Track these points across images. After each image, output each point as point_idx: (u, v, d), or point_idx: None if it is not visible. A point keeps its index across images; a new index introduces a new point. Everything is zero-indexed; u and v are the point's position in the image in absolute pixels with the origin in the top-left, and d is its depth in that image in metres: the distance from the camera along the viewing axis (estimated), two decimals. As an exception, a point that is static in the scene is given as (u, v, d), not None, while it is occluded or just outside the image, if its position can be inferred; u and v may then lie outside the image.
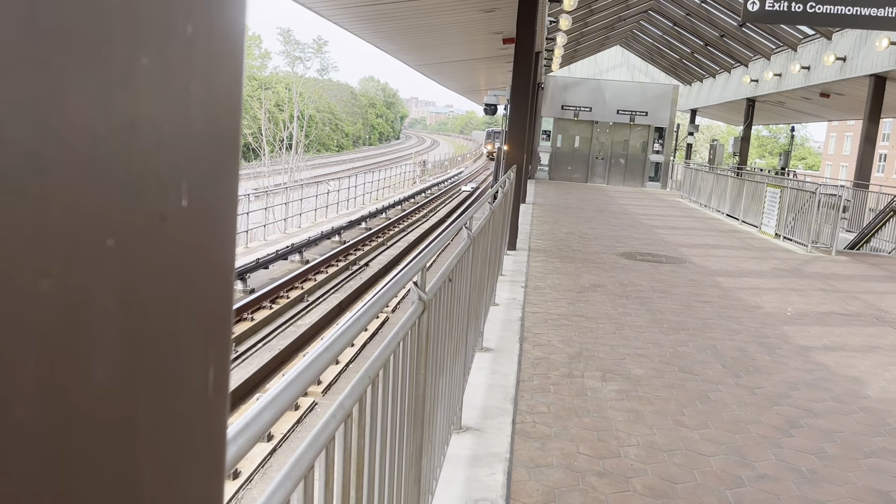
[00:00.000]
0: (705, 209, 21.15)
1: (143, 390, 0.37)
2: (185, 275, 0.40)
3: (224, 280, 0.45)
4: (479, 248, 5.07)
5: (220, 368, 0.46)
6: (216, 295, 0.44)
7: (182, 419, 0.42)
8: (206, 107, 0.41)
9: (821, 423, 4.88)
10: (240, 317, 11.00)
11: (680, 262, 11.16)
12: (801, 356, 6.45)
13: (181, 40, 0.37)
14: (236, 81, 0.44)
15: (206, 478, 0.46)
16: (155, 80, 0.35)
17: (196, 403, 0.44)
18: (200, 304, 0.43)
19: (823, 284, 10.26)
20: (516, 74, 10.99)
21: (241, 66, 0.45)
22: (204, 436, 0.45)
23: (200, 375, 0.44)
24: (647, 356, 6.12)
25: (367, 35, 17.16)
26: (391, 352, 2.12)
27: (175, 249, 0.39)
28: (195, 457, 0.44)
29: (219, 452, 0.47)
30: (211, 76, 0.41)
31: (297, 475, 1.30)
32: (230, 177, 0.45)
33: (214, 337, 0.45)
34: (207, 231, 0.43)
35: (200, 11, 0.39)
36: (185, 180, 0.39)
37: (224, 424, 0.48)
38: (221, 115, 0.43)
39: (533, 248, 11.41)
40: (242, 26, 0.44)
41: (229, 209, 0.45)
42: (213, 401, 0.45)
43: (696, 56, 29.82)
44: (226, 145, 0.44)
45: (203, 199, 0.41)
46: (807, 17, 10.40)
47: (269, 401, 1.17)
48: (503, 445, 4.20)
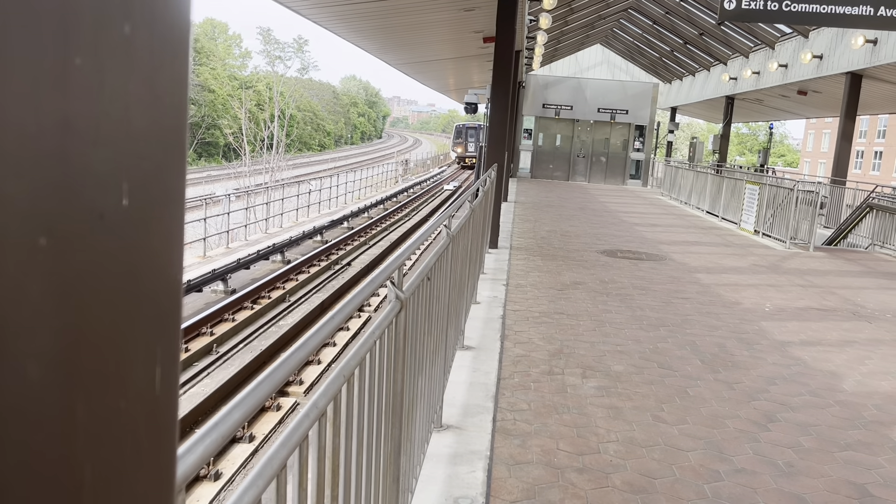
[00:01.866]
0: (685, 206, 21.30)
1: (82, 388, 0.37)
2: (128, 273, 0.40)
3: (170, 279, 0.45)
4: (459, 247, 5.08)
5: (168, 367, 0.46)
6: (162, 294, 0.44)
7: (127, 417, 0.42)
8: (147, 106, 0.41)
9: (798, 416, 4.93)
10: (221, 318, 10.94)
11: (660, 259, 11.24)
12: (778, 351, 6.51)
13: (118, 40, 0.37)
14: (181, 81, 0.45)
15: (154, 477, 0.46)
16: (89, 80, 0.35)
17: (142, 402, 0.44)
18: (145, 302, 0.43)
19: (801, 280, 10.37)
20: (496, 73, 11.02)
21: (185, 65, 0.45)
22: (151, 433, 0.45)
23: (146, 374, 0.44)
24: (626, 353, 6.16)
25: (347, 34, 17.11)
26: (367, 350, 2.13)
27: (116, 248, 0.39)
28: (142, 454, 0.44)
29: (168, 451, 0.47)
30: (152, 75, 0.41)
31: (269, 474, 1.30)
32: (175, 176, 0.45)
33: (161, 335, 0.45)
34: (151, 229, 0.43)
35: (139, 11, 0.39)
36: (126, 179, 0.39)
37: (174, 423, 0.48)
38: (165, 115, 0.43)
39: (514, 247, 11.44)
40: (187, 26, 0.45)
41: (175, 206, 0.45)
42: (161, 399, 0.46)
43: (676, 54, 30.03)
44: (170, 144, 0.44)
45: (146, 198, 0.42)
46: (783, 16, 10.50)
47: (236, 402, 1.17)
48: (483, 443, 4.21)
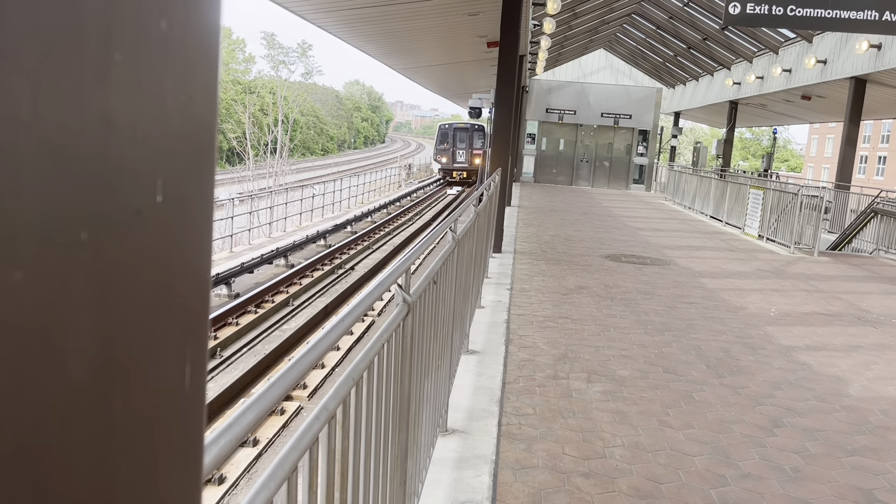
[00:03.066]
0: (689, 211, 21.27)
1: (118, 385, 0.37)
2: (161, 270, 0.41)
3: (200, 276, 0.45)
4: (464, 251, 5.08)
5: (197, 365, 0.46)
6: (193, 291, 0.45)
7: (159, 414, 0.42)
8: (181, 104, 0.41)
9: (804, 422, 4.92)
10: (224, 322, 10.94)
11: (664, 264, 11.22)
12: (784, 356, 6.50)
13: (155, 37, 0.38)
14: (212, 79, 0.45)
15: (184, 474, 0.46)
16: (129, 76, 0.35)
17: (173, 399, 0.44)
18: (177, 299, 0.43)
19: (806, 285, 10.35)
20: (500, 78, 11.02)
21: (217, 64, 0.45)
22: (181, 431, 0.45)
23: (177, 371, 0.44)
24: (631, 357, 6.15)
25: (351, 39, 17.15)
26: (375, 353, 2.12)
27: (151, 244, 0.39)
28: (173, 453, 0.44)
29: (196, 449, 0.47)
30: (187, 73, 0.42)
31: (281, 476, 1.30)
32: (206, 174, 0.45)
33: (191, 333, 0.45)
34: (183, 227, 0.43)
35: (175, 8, 0.39)
36: (161, 176, 0.40)
37: (202, 421, 0.48)
38: (198, 113, 0.43)
39: (518, 251, 11.44)
40: (218, 25, 0.45)
41: (205, 206, 0.45)
42: (191, 397, 0.46)
43: (679, 59, 30.04)
44: (202, 143, 0.44)
45: (179, 196, 0.42)
46: (788, 21, 10.50)
47: (252, 402, 1.17)
48: (489, 447, 4.21)
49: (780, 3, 10.12)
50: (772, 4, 10.04)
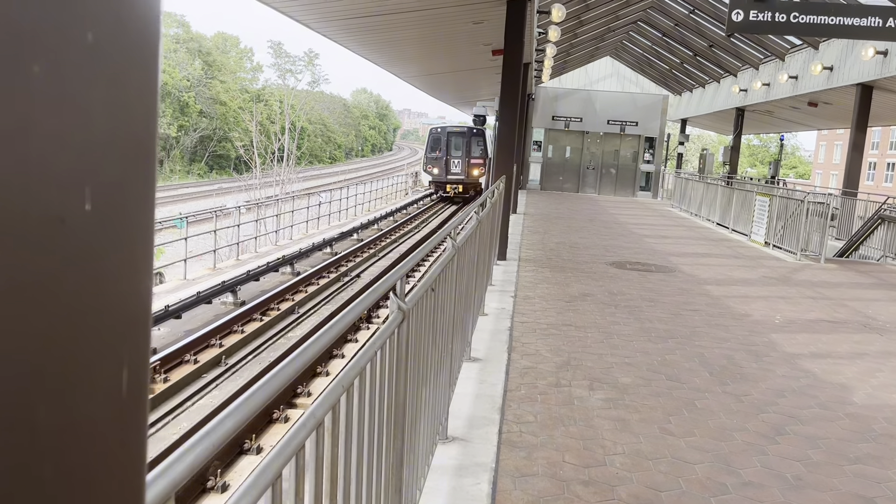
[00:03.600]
0: (696, 218, 21.23)
1: (41, 388, 0.38)
2: (91, 276, 0.41)
3: (137, 283, 0.46)
4: (465, 258, 5.08)
5: (137, 369, 0.47)
6: (128, 297, 0.45)
7: (92, 417, 0.43)
8: (112, 114, 0.42)
9: (806, 429, 4.90)
10: (230, 329, 10.96)
11: (669, 271, 11.20)
12: (788, 363, 6.47)
13: (81, 48, 0.38)
14: (149, 89, 0.46)
15: (122, 476, 0.47)
16: (49, 87, 0.36)
17: (108, 403, 0.44)
18: (111, 304, 0.43)
19: (812, 292, 10.30)
20: (505, 86, 11.05)
21: (155, 74, 0.46)
22: (119, 434, 0.46)
23: (113, 376, 0.45)
24: (634, 365, 6.13)
25: (356, 47, 17.21)
26: (367, 360, 2.13)
27: (78, 251, 0.40)
28: (109, 455, 0.45)
29: (137, 451, 0.48)
30: (119, 84, 0.42)
31: (263, 484, 1.31)
32: (144, 181, 0.46)
33: (129, 337, 0.46)
34: (117, 234, 0.44)
35: (103, 20, 0.40)
36: (89, 184, 0.40)
37: (144, 423, 0.49)
38: (132, 123, 0.44)
39: (523, 258, 11.43)
40: (156, 36, 0.46)
41: (143, 213, 0.46)
42: (128, 401, 0.46)
43: (686, 66, 30.02)
44: (138, 152, 0.45)
45: (111, 203, 0.43)
46: (791, 28, 10.49)
47: (230, 411, 1.17)
48: (489, 455, 4.20)
49: (783, 11, 10.11)
50: (774, 12, 10.04)
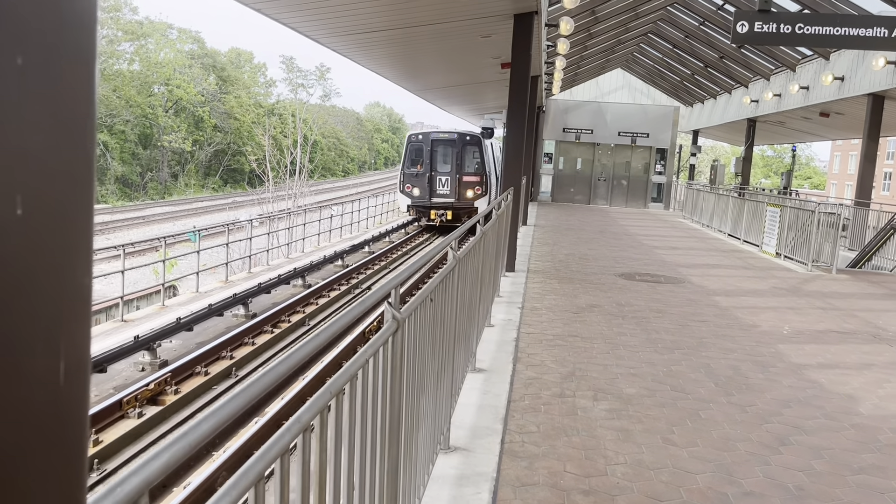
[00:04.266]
0: (707, 229, 21.17)
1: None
2: (24, 274, 0.46)
3: (74, 282, 0.51)
4: (469, 269, 5.12)
5: (74, 361, 0.51)
6: (64, 295, 0.50)
7: (28, 402, 0.47)
8: (45, 130, 0.47)
9: (811, 440, 4.88)
10: (241, 341, 11.05)
11: (678, 282, 11.18)
12: (794, 374, 6.45)
13: (9, 69, 0.43)
14: (84, 107, 0.50)
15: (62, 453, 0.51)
16: (-25, 105, 0.41)
17: (45, 390, 0.49)
18: (44, 301, 0.48)
19: (822, 303, 10.25)
20: (512, 98, 11.11)
21: (89, 93, 0.51)
22: (56, 417, 0.50)
23: (49, 366, 0.49)
24: (639, 375, 6.14)
25: (366, 62, 17.35)
26: (358, 367, 2.17)
27: (10, 251, 0.45)
28: (46, 435, 0.49)
29: (76, 430, 0.53)
30: (50, 103, 0.47)
31: (244, 485, 1.35)
32: (79, 188, 0.51)
33: (64, 332, 0.50)
34: (52, 237, 0.48)
35: (34, 46, 0.45)
36: (21, 192, 0.45)
37: (83, 411, 0.54)
38: (66, 137, 0.49)
39: (532, 270, 11.45)
40: (90, 59, 0.50)
41: (78, 218, 0.51)
42: (66, 389, 0.51)
43: (697, 77, 30.01)
44: (73, 164, 0.50)
45: (45, 209, 0.47)
46: (797, 39, 10.49)
47: (209, 414, 1.22)
48: (490, 465, 4.22)
49: (788, 22, 10.12)
50: (780, 23, 10.04)
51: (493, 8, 10.89)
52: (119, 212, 40.69)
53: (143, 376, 9.22)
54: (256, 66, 76.61)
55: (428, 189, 25.03)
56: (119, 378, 9.26)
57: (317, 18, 11.64)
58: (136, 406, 8.10)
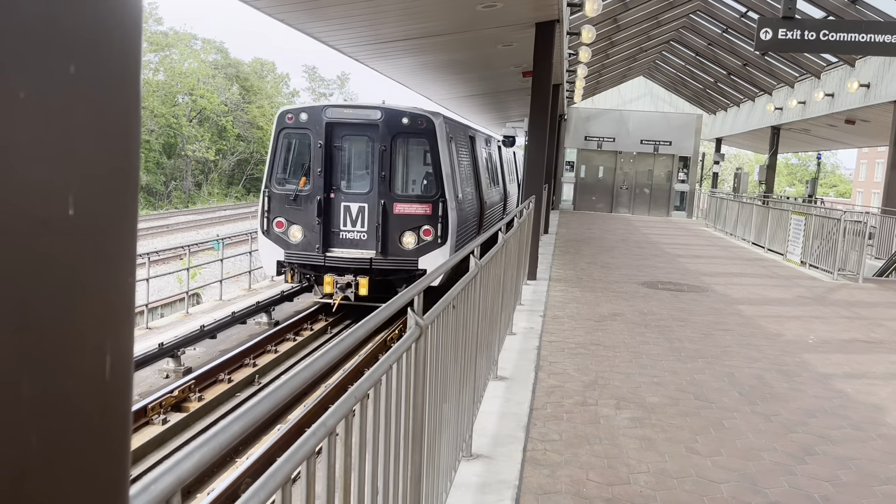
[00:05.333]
0: (730, 237, 21.00)
1: (27, 365, 0.45)
2: (74, 272, 0.48)
3: (119, 280, 0.53)
4: (491, 277, 5.13)
5: (119, 357, 0.54)
6: (110, 292, 0.52)
7: (75, 396, 0.49)
8: (94, 134, 0.49)
9: (837, 450, 4.82)
10: (263, 349, 11.12)
11: (702, 291, 11.10)
12: (820, 384, 6.37)
13: (62, 78, 0.46)
14: (129, 112, 0.53)
15: (105, 449, 0.53)
16: (33, 111, 0.43)
17: (91, 385, 0.51)
18: (93, 298, 0.50)
19: (848, 312, 10.13)
20: (534, 107, 11.12)
21: (134, 99, 0.53)
22: (101, 412, 0.52)
23: (96, 361, 0.51)
24: (662, 384, 6.10)
25: (389, 70, 17.45)
26: (382, 373, 2.19)
27: (61, 249, 0.47)
28: (91, 430, 0.51)
29: (120, 426, 0.55)
30: (99, 108, 0.50)
31: (272, 487, 1.37)
32: (125, 191, 0.53)
33: (111, 329, 0.52)
34: (100, 237, 0.51)
35: (85, 54, 0.47)
36: (72, 193, 0.47)
37: (127, 406, 0.56)
38: (113, 141, 0.51)
39: (553, 278, 11.43)
40: (136, 66, 0.53)
41: (124, 218, 0.53)
42: (111, 384, 0.53)
43: (720, 85, 29.84)
44: (119, 165, 0.52)
45: (94, 210, 0.49)
46: (821, 46, 10.41)
47: (238, 415, 1.24)
48: (513, 472, 4.22)
49: (813, 29, 10.04)
50: (804, 30, 9.97)
51: (514, 17, 10.92)
52: (144, 220, 41.15)
53: (167, 383, 9.31)
54: (279, 76, 77.28)
55: (321, 230, 12.42)
56: (144, 385, 9.36)
57: (340, 28, 11.74)
58: (161, 412, 8.18)
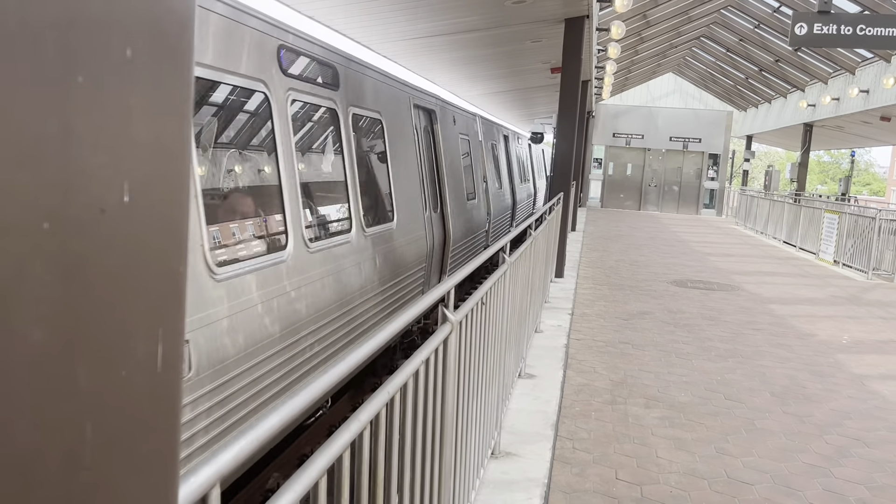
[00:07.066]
0: (761, 236, 20.73)
1: (82, 354, 0.44)
2: (129, 260, 0.48)
3: (172, 269, 0.52)
4: (519, 274, 5.10)
5: (171, 347, 0.53)
6: (163, 281, 0.51)
7: (127, 385, 0.49)
8: (148, 119, 0.49)
9: (873, 452, 4.74)
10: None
11: (732, 290, 10.97)
12: (855, 385, 6.26)
13: (120, 62, 0.45)
14: (183, 98, 0.52)
15: (155, 440, 0.53)
16: (90, 95, 0.43)
17: (143, 374, 0.51)
18: (146, 287, 0.50)
19: (883, 312, 9.95)
20: (562, 104, 11.04)
21: (188, 85, 0.52)
22: (152, 401, 0.52)
23: (148, 350, 0.51)
24: (692, 383, 6.03)
25: (416, 67, 17.46)
26: (415, 369, 2.18)
27: (117, 237, 0.46)
28: (143, 419, 0.51)
29: (171, 417, 0.54)
30: (154, 93, 0.49)
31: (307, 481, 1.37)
32: (178, 179, 0.52)
33: (163, 318, 0.52)
34: (154, 224, 0.50)
35: (141, 39, 0.47)
36: (128, 180, 0.47)
37: (177, 396, 0.55)
38: (167, 128, 0.51)
39: (581, 276, 11.36)
40: (189, 51, 0.52)
41: (178, 207, 0.52)
42: (163, 375, 0.53)
43: (751, 81, 29.42)
44: (173, 153, 0.51)
45: (147, 197, 0.49)
46: (857, 41, 10.20)
47: (276, 411, 1.24)
48: (541, 471, 4.19)
49: (849, 23, 9.85)
50: (840, 24, 9.78)
51: (543, 12, 10.86)
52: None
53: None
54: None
55: None
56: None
57: (368, 25, 11.76)
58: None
